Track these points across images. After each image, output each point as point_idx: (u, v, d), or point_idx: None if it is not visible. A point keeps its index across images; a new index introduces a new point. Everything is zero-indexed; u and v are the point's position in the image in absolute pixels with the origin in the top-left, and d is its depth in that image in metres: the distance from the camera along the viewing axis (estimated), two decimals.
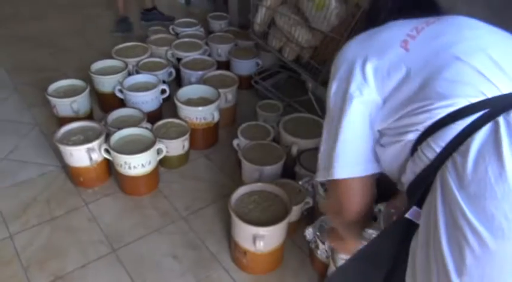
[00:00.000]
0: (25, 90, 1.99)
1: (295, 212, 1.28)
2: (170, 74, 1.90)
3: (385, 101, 0.72)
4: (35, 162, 1.58)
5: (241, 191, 1.24)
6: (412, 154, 0.70)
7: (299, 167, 1.40)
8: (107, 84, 1.75)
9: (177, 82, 1.98)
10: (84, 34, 2.56)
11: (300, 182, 1.36)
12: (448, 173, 0.62)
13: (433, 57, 0.69)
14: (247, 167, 1.41)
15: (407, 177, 0.72)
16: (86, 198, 1.45)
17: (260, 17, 1.67)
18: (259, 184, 1.26)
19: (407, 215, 0.68)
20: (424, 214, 0.65)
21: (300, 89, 1.93)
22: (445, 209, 0.61)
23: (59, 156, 1.51)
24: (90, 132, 1.45)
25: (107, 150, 1.39)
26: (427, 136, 0.67)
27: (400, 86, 0.70)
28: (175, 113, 1.64)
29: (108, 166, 1.49)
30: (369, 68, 0.73)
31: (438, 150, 0.65)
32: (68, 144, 1.39)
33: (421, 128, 0.67)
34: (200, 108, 1.57)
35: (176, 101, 1.58)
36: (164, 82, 1.84)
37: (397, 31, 0.75)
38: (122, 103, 1.72)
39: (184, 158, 1.60)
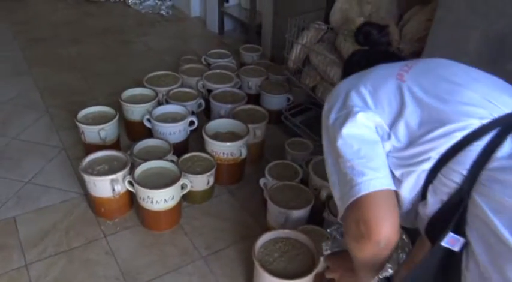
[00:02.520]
0: (55, 112, 2.01)
1: (322, 263, 1.20)
2: (200, 105, 1.88)
3: (390, 127, 0.74)
4: (58, 188, 1.56)
5: (266, 237, 1.18)
6: (431, 182, 0.70)
7: (328, 213, 1.33)
8: (136, 112, 1.74)
9: (206, 113, 1.96)
10: (117, 60, 2.59)
11: (329, 230, 1.28)
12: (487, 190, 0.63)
13: (432, 86, 0.73)
14: (273, 209, 1.34)
15: (430, 209, 0.71)
16: (105, 230, 1.41)
17: (295, 54, 1.64)
18: (285, 231, 1.20)
19: (443, 243, 0.66)
20: (477, 235, 0.64)
21: None
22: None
23: (82, 183, 1.49)
24: (116, 162, 1.42)
25: (130, 183, 1.36)
26: (445, 161, 0.67)
27: (402, 113, 0.72)
28: (202, 145, 1.61)
29: (131, 198, 1.46)
30: (366, 93, 0.76)
31: (465, 172, 0.66)
32: (92, 173, 1.36)
33: (436, 154, 0.68)
34: (228, 143, 1.53)
35: (204, 135, 1.55)
36: (193, 113, 1.82)
37: (388, 68, 0.80)
38: (149, 132, 1.70)
39: (208, 194, 1.55)
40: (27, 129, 1.87)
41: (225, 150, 1.54)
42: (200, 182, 1.48)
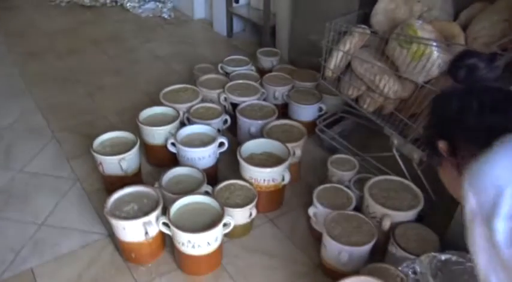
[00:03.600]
0: (63, 137, 1.80)
1: None
2: (225, 121, 1.70)
3: None
4: (77, 229, 1.37)
5: None
6: None
7: (395, 246, 1.16)
8: (157, 136, 1.55)
9: (232, 130, 1.77)
10: (121, 71, 2.39)
11: (401, 268, 1.12)
12: None
13: None
14: (332, 246, 1.17)
15: None
16: (138, 278, 1.23)
17: (335, 62, 1.46)
18: (362, 278, 1.02)
19: None
20: None
21: (372, 140, 1.70)
22: None
23: (105, 221, 1.31)
24: (145, 199, 1.24)
25: (165, 224, 1.18)
26: None
27: None
28: (232, 169, 1.43)
29: (164, 238, 1.27)
30: None
31: None
32: (120, 216, 1.18)
33: None
34: (269, 169, 1.35)
35: (240, 160, 1.36)
36: (219, 131, 1.63)
37: None
38: (172, 156, 1.52)
39: (249, 226, 1.37)
40: (33, 160, 1.67)
41: (267, 177, 1.36)
42: (242, 216, 1.30)
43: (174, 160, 1.52)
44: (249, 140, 1.51)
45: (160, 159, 1.62)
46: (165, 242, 1.29)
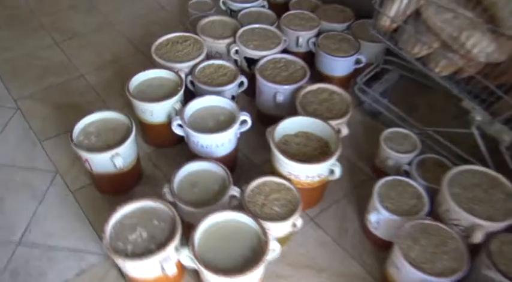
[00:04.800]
0: (30, 109, 1.40)
1: None
2: (241, 84, 1.31)
3: None
4: (67, 248, 1.05)
5: None
6: None
7: (493, 270, 0.89)
8: (156, 113, 1.17)
9: (248, 94, 1.40)
10: (93, 8, 1.89)
11: None
12: None
13: None
14: (411, 274, 0.89)
15: None
16: None
17: (397, 7, 1.06)
18: None
19: None
20: None
21: (420, 97, 1.37)
22: None
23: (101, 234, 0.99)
24: (155, 220, 0.91)
25: (190, 258, 0.87)
26: None
27: None
28: (250, 145, 1.11)
29: (182, 269, 0.97)
30: None
31: None
32: (127, 252, 0.86)
33: None
34: (316, 165, 1.01)
35: (276, 151, 1.02)
36: (233, 98, 1.27)
37: None
38: (177, 137, 1.16)
39: (290, 236, 1.07)
40: None
41: (311, 173, 1.03)
42: (283, 229, 1.00)
43: (180, 139, 1.17)
44: (273, 109, 1.20)
45: (162, 139, 1.27)
46: (184, 271, 1.00)
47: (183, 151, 1.20)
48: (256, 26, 1.42)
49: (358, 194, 1.19)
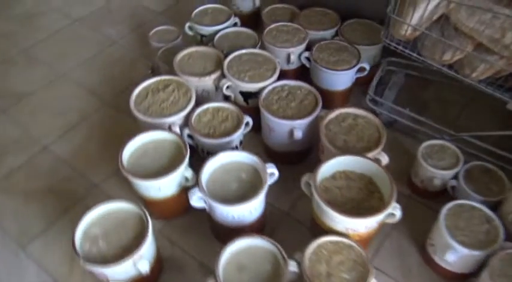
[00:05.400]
0: None
1: None
2: (246, 124, 1.13)
3: None
4: None
5: None
6: None
7: None
8: (165, 187, 0.97)
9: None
10: (34, 55, 1.60)
11: None
12: None
13: None
14: None
15: None
16: None
17: (420, 15, 0.92)
18: None
19: None
20: None
21: (427, 93, 1.27)
22: None
23: None
24: None
25: None
26: None
27: None
28: (273, 198, 0.99)
29: None
30: None
31: None
32: None
33: None
34: (377, 216, 0.87)
35: (328, 209, 0.86)
36: (237, 147, 1.10)
37: None
38: (188, 204, 0.97)
39: None
40: None
41: (371, 223, 0.89)
42: None
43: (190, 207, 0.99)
44: (287, 145, 1.09)
45: (172, 210, 1.07)
46: None
47: (200, 218, 1.03)
48: (243, 51, 1.23)
49: (407, 220, 1.07)
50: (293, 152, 1.16)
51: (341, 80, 1.26)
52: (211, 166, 0.97)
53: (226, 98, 1.24)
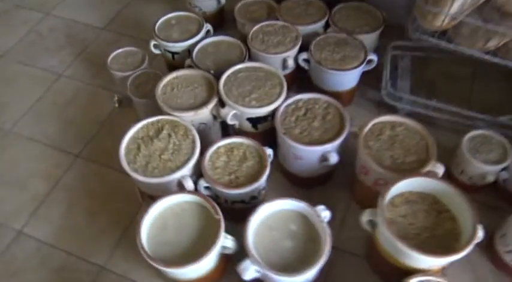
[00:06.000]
0: None
1: None
2: (269, 156, 0.95)
3: None
4: None
5: None
6: None
7: None
8: (204, 262, 0.78)
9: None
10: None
11: None
12: None
13: None
14: None
15: None
16: None
17: (461, 3, 0.78)
18: None
19: None
20: None
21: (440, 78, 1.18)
22: None
23: None
24: None
25: None
26: None
27: None
28: None
29: None
30: None
31: None
32: None
33: None
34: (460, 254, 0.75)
35: (414, 252, 0.73)
36: (260, 192, 0.93)
37: None
38: None
39: None
40: None
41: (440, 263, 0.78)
42: None
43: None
44: (317, 170, 0.96)
45: None
46: None
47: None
48: (237, 68, 1.03)
49: None
50: (323, 174, 1.01)
51: (349, 78, 1.11)
52: (253, 224, 0.80)
53: (227, 126, 1.05)
